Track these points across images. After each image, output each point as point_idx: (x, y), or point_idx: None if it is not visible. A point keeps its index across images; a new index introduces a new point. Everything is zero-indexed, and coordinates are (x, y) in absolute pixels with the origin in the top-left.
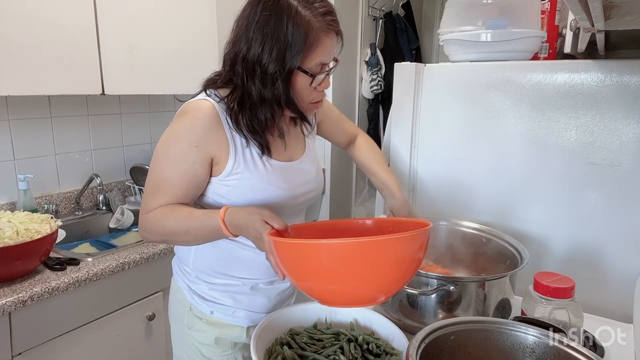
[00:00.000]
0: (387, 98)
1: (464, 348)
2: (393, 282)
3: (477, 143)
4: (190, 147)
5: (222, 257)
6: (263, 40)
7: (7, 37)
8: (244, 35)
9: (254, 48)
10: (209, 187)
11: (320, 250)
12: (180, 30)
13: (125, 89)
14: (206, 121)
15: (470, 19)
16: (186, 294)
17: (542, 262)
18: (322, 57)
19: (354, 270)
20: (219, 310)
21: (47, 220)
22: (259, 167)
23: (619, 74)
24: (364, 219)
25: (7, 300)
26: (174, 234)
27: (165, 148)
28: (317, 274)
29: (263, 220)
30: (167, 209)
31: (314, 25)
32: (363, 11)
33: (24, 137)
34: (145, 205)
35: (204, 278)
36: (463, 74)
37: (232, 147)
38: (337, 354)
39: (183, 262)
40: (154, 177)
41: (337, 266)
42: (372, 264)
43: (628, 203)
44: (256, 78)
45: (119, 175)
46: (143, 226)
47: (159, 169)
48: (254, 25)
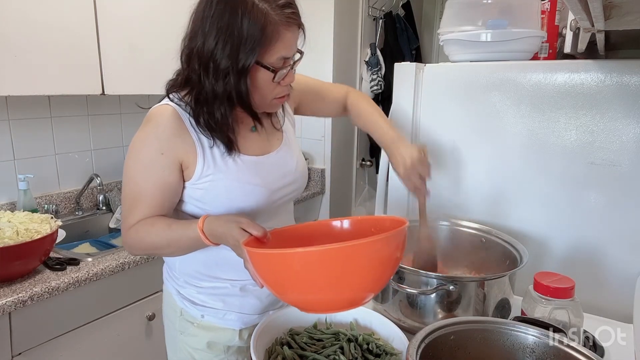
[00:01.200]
0: (387, 98)
1: (464, 348)
2: (372, 284)
3: (477, 143)
4: (157, 155)
5: (208, 260)
6: (217, 34)
7: (7, 37)
8: (199, 30)
9: (208, 42)
10: (184, 192)
11: (292, 259)
12: (180, 30)
13: (125, 89)
14: (169, 126)
15: (470, 19)
16: (176, 298)
17: (542, 262)
18: (284, 51)
19: (330, 276)
20: (210, 314)
21: (47, 220)
22: (229, 165)
23: (619, 74)
24: (343, 219)
25: (7, 300)
26: (157, 248)
27: (133, 159)
28: (292, 282)
29: (240, 227)
30: (147, 224)
31: (273, 18)
32: (363, 11)
33: (24, 137)
34: (125, 221)
35: (192, 282)
36: (463, 74)
37: (199, 149)
38: (337, 354)
39: (170, 267)
40: (128, 190)
41: (312, 274)
42: (347, 269)
43: (628, 203)
44: (210, 73)
45: (119, 175)
46: (127, 242)
47: (131, 181)
48: (209, 19)
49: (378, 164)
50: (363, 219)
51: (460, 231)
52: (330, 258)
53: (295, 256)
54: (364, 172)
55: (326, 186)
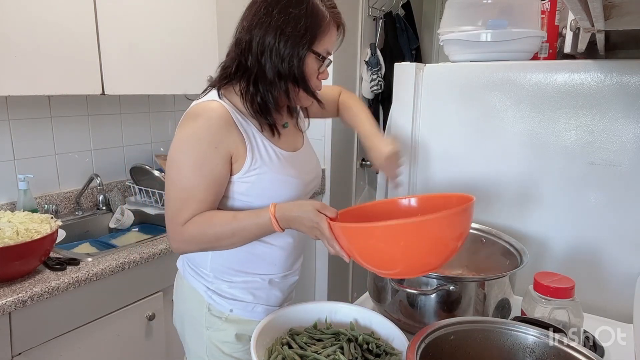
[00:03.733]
0: (387, 98)
1: (464, 348)
2: (449, 253)
3: (477, 143)
4: (211, 149)
5: (240, 256)
6: (287, 17)
7: (7, 37)
8: (264, 18)
9: (275, 24)
10: (229, 187)
11: (394, 230)
12: (180, 30)
13: (125, 89)
14: (220, 120)
15: (470, 19)
16: (203, 295)
17: (542, 262)
18: (329, 45)
19: (420, 246)
20: (239, 307)
21: (47, 220)
22: (273, 159)
23: (619, 74)
24: (396, 199)
25: (7, 300)
26: (219, 239)
27: (184, 154)
28: (384, 252)
29: (317, 210)
30: (205, 217)
31: (326, 13)
32: (363, 11)
33: (24, 137)
34: (177, 217)
35: (223, 277)
36: (463, 74)
37: (247, 143)
38: (337, 354)
39: (199, 265)
40: (179, 186)
41: (402, 244)
42: (432, 239)
43: (628, 203)
44: (273, 52)
45: (119, 175)
46: (182, 238)
47: (182, 177)
48: (277, 7)
49: None
50: (427, 196)
51: None
52: (425, 228)
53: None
54: (364, 172)
55: (326, 186)
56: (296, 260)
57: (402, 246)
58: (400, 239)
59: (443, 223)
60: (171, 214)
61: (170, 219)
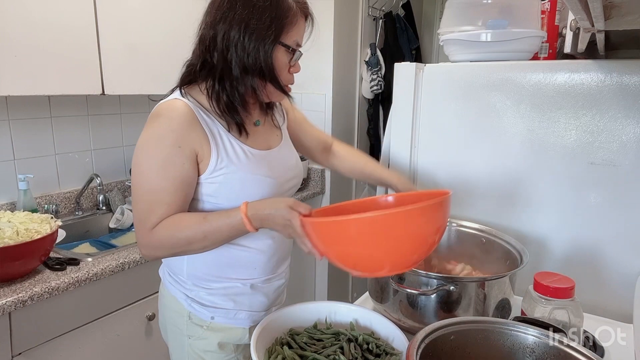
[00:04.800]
0: (387, 98)
1: (464, 348)
2: (426, 248)
3: (477, 143)
4: (174, 148)
5: (218, 261)
6: (251, 10)
7: (7, 37)
8: (227, 12)
9: (239, 18)
10: (197, 189)
11: (365, 223)
12: (180, 30)
13: (125, 89)
14: (182, 119)
15: (470, 19)
16: (183, 303)
17: (542, 262)
18: (298, 37)
19: (396, 239)
20: (220, 315)
21: (47, 220)
22: (241, 157)
23: (619, 74)
24: (375, 198)
25: (7, 300)
26: (190, 242)
27: (147, 157)
28: (358, 245)
29: (289, 207)
30: (174, 220)
31: (292, 4)
32: (363, 11)
33: (24, 137)
34: (145, 222)
35: (201, 284)
36: (463, 74)
37: (212, 141)
38: (337, 354)
39: (176, 271)
40: (144, 190)
41: (379, 236)
42: (409, 232)
43: (628, 203)
44: (239, 50)
45: (119, 175)
46: (150, 244)
47: (146, 180)
48: (240, 0)
49: None
50: (405, 194)
51: (461, 231)
52: (402, 219)
53: (360, 221)
54: None
55: (326, 186)
56: (281, 263)
57: (374, 240)
58: (372, 232)
59: (415, 215)
60: (139, 218)
61: (138, 223)
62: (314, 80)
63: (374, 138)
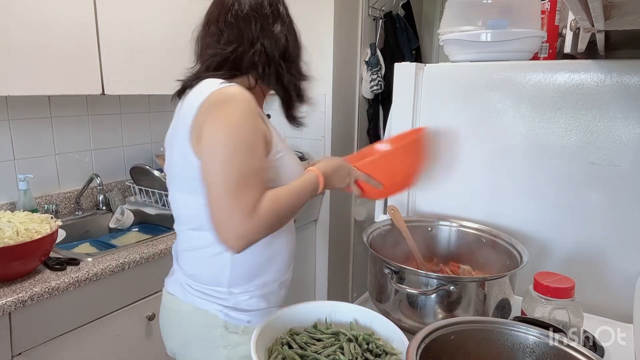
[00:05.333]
0: (387, 98)
1: (464, 348)
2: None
3: (476, 143)
4: (255, 131)
5: (258, 260)
6: (282, 28)
7: (7, 37)
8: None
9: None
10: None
11: (399, 152)
12: (180, 30)
13: (125, 89)
14: (252, 103)
15: (470, 19)
16: (218, 314)
17: (542, 262)
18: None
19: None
20: (256, 316)
21: (47, 220)
22: (283, 140)
23: (619, 74)
24: (373, 145)
25: (7, 300)
26: (292, 210)
27: (233, 140)
28: (396, 172)
29: (343, 159)
30: (269, 196)
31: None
32: (363, 11)
33: (24, 137)
34: (242, 208)
35: (242, 288)
36: (463, 74)
37: (268, 124)
38: (337, 354)
39: (210, 283)
40: (239, 173)
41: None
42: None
43: (628, 203)
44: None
45: (119, 175)
46: (249, 230)
47: (238, 164)
48: (271, 17)
49: None
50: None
51: (461, 231)
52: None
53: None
54: None
55: None
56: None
57: (404, 160)
58: (404, 153)
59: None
60: (231, 207)
61: (231, 212)
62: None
63: (374, 138)
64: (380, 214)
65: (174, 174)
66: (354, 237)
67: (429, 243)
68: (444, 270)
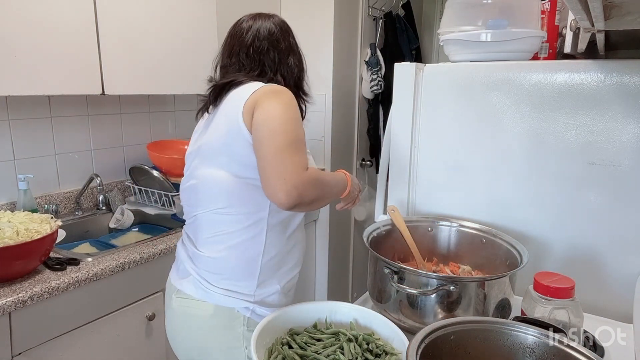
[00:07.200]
0: (387, 98)
1: (464, 348)
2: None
3: (477, 143)
4: (298, 113)
5: (282, 252)
6: (296, 50)
7: (7, 37)
8: (287, 48)
9: (296, 53)
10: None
11: None
12: (180, 30)
13: (125, 89)
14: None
15: (470, 19)
16: (243, 311)
17: (542, 262)
18: None
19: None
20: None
21: (47, 220)
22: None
23: (619, 74)
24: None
25: (7, 300)
26: (326, 193)
27: (290, 114)
28: None
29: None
30: (314, 169)
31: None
32: (363, 11)
33: (24, 137)
34: (301, 162)
35: (270, 278)
36: (463, 74)
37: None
38: (337, 353)
39: (242, 274)
40: (293, 136)
41: None
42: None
43: (628, 203)
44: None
45: (119, 175)
46: (304, 181)
47: (293, 130)
48: (288, 43)
49: (378, 164)
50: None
51: (461, 231)
52: None
53: None
54: (364, 172)
55: None
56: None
57: None
58: None
59: None
60: (292, 159)
61: (292, 164)
62: (314, 80)
63: (374, 138)
64: (380, 214)
65: (212, 151)
66: (354, 237)
67: (429, 243)
68: (444, 270)
